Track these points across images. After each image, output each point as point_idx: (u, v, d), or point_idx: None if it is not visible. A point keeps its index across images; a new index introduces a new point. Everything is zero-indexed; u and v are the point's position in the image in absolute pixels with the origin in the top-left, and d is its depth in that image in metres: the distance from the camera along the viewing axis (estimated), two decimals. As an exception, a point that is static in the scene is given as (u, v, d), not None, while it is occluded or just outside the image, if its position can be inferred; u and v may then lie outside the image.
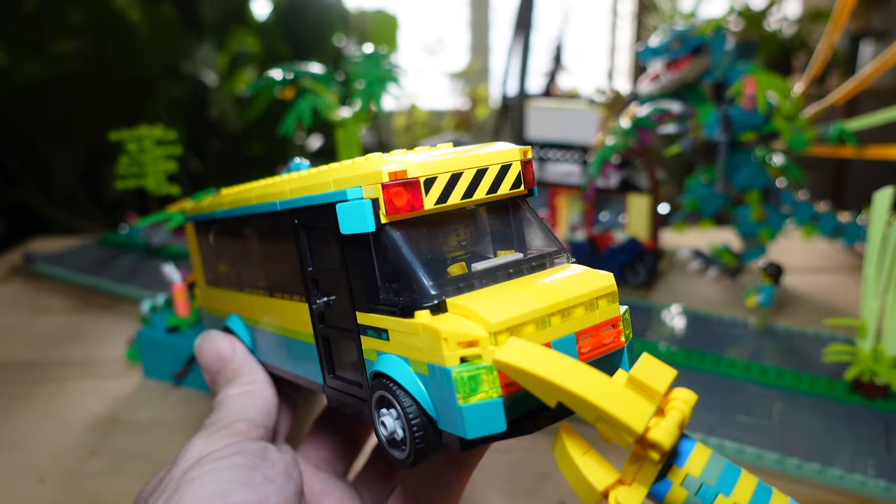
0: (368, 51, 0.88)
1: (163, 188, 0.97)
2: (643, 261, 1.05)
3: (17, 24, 1.93)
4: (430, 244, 0.34)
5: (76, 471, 0.64)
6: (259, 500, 0.34)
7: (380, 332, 0.34)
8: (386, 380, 0.33)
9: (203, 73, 2.20)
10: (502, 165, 0.35)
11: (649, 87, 1.04)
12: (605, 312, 0.34)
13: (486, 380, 0.29)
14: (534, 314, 0.31)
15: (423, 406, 0.31)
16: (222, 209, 0.50)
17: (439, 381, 0.30)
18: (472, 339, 0.29)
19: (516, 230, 0.38)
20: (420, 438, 0.31)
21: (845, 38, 2.95)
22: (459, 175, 0.34)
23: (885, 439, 0.62)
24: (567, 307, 0.32)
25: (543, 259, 0.36)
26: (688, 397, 0.27)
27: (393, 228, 0.33)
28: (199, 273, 0.59)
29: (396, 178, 0.32)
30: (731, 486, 0.26)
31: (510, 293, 0.32)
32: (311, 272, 0.39)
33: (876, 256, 0.67)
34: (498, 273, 0.34)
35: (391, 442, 0.33)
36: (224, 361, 0.47)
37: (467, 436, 0.29)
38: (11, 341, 0.95)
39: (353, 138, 0.90)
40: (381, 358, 0.34)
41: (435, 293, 0.31)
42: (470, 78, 3.60)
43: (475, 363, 0.29)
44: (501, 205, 0.38)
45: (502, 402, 0.29)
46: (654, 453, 0.25)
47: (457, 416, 0.29)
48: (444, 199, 0.33)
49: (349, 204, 0.33)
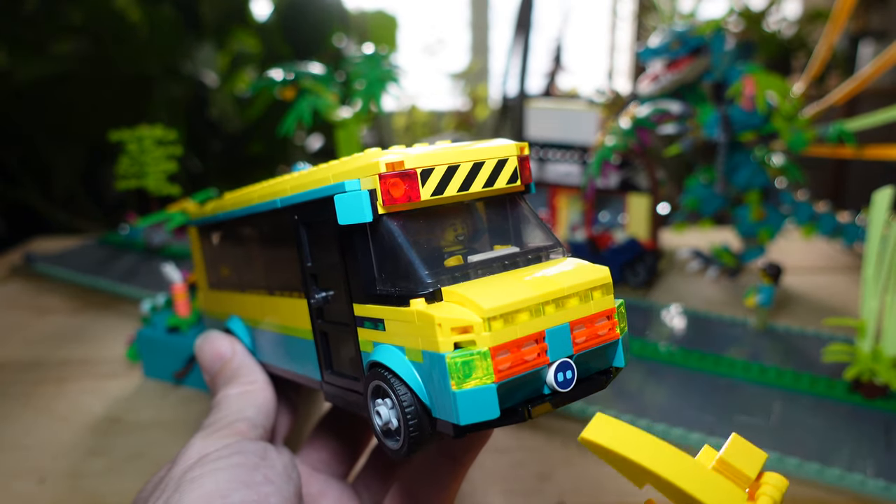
0: (368, 51, 0.88)
1: (163, 188, 0.97)
2: (643, 261, 1.05)
3: (18, 24, 1.93)
4: (428, 237, 0.35)
5: (76, 470, 0.64)
6: (258, 499, 0.34)
7: (376, 323, 0.34)
8: (381, 369, 0.33)
9: (203, 73, 2.20)
10: (499, 160, 0.36)
11: (649, 87, 1.04)
12: (600, 304, 0.34)
13: (479, 366, 0.29)
14: (528, 302, 0.31)
15: (418, 394, 0.32)
16: (224, 211, 0.50)
17: (433, 367, 0.30)
18: (465, 324, 0.30)
19: (513, 226, 0.38)
20: (414, 426, 0.31)
21: (845, 38, 2.95)
22: (456, 167, 0.34)
23: (884, 439, 0.62)
24: (561, 296, 0.32)
25: (539, 252, 0.37)
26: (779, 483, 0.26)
27: (390, 219, 0.33)
28: (202, 277, 0.59)
29: (394, 168, 0.32)
30: None
31: (505, 282, 0.33)
32: (311, 268, 0.39)
33: (875, 256, 0.67)
34: (494, 264, 0.35)
35: (386, 432, 0.34)
36: (224, 362, 0.47)
37: (460, 422, 0.29)
38: (11, 341, 0.95)
39: (354, 138, 0.90)
40: (378, 348, 0.34)
41: (430, 281, 0.32)
42: (470, 78, 3.59)
43: (469, 349, 0.30)
44: (499, 201, 0.38)
45: (496, 388, 0.29)
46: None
47: (450, 402, 0.29)
48: (441, 191, 0.34)
49: (347, 195, 0.33)
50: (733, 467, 0.26)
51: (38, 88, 1.90)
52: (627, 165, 1.12)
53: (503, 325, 0.30)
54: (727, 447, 0.27)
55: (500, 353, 0.30)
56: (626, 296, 1.03)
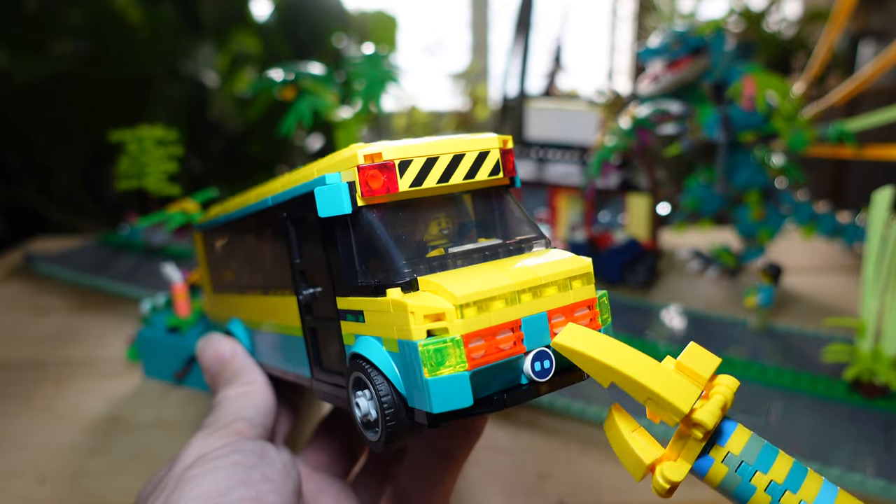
0: (368, 51, 0.88)
1: (163, 188, 0.97)
2: (643, 261, 1.05)
3: (18, 24, 1.93)
4: (409, 229, 0.35)
5: (77, 470, 0.64)
6: (257, 497, 0.34)
7: (357, 315, 0.34)
8: (361, 360, 0.33)
9: (203, 74, 2.20)
10: (480, 152, 0.36)
11: (649, 87, 1.04)
12: (580, 294, 0.34)
13: (452, 353, 0.29)
14: (502, 290, 0.31)
15: (395, 384, 0.32)
16: (224, 214, 0.51)
17: (407, 356, 0.30)
18: (438, 312, 0.30)
19: (499, 220, 0.38)
20: (391, 416, 0.31)
21: (845, 38, 2.95)
22: (435, 159, 0.34)
23: (884, 439, 0.62)
24: (537, 285, 0.32)
25: (521, 244, 0.37)
26: (730, 383, 0.29)
27: (369, 211, 0.33)
28: (207, 281, 0.60)
29: (372, 160, 0.33)
30: (769, 464, 0.27)
31: (482, 272, 0.33)
32: (299, 264, 0.39)
33: (875, 256, 0.67)
34: (474, 255, 0.35)
35: (365, 424, 0.34)
36: (224, 363, 0.47)
37: (433, 409, 0.29)
38: (11, 341, 0.95)
39: (354, 139, 0.90)
40: (358, 340, 0.34)
41: (406, 271, 0.32)
42: (470, 78, 3.59)
43: (441, 336, 0.30)
44: (484, 194, 0.38)
45: (468, 375, 0.29)
46: (698, 432, 0.27)
47: (423, 390, 0.30)
48: (420, 182, 0.34)
49: (326, 187, 0.33)
50: (690, 369, 0.29)
51: (38, 89, 1.90)
52: (627, 165, 1.12)
53: (476, 313, 0.30)
54: (685, 353, 0.29)
55: (474, 340, 0.30)
56: (626, 296, 1.03)
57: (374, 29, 2.69)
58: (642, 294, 1.05)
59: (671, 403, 0.27)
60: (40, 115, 1.97)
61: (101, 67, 1.98)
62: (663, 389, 0.27)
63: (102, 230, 1.65)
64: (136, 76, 2.02)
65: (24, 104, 1.94)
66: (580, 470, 0.62)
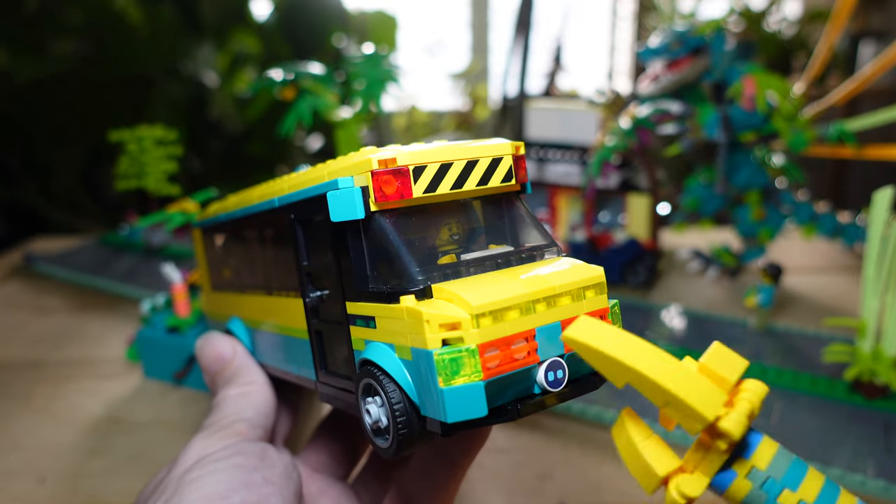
0: (368, 51, 0.88)
1: (163, 188, 0.97)
2: (643, 261, 1.05)
3: (18, 24, 1.93)
4: (422, 235, 0.35)
5: (76, 471, 0.64)
6: (258, 500, 0.34)
7: (367, 321, 0.34)
8: (372, 367, 0.33)
9: (203, 74, 2.20)
10: (493, 158, 0.36)
11: (649, 87, 1.04)
12: (593, 303, 0.34)
13: (467, 363, 0.29)
14: (518, 299, 0.31)
15: (407, 392, 0.31)
16: (226, 213, 0.50)
17: (422, 364, 0.30)
18: (454, 321, 0.30)
19: (510, 226, 0.38)
20: (402, 424, 0.31)
21: (845, 38, 2.95)
22: (449, 165, 0.34)
23: (884, 439, 0.62)
24: (552, 295, 0.32)
25: (533, 251, 0.37)
26: (758, 388, 0.26)
27: (382, 216, 0.33)
28: (205, 279, 0.60)
29: (386, 165, 0.32)
30: (797, 481, 0.25)
31: (496, 280, 0.33)
32: (306, 266, 0.39)
33: (876, 256, 0.67)
34: (486, 262, 0.35)
35: (376, 431, 0.34)
36: (224, 363, 0.47)
37: (448, 419, 0.29)
38: (11, 341, 0.95)
39: (354, 139, 0.90)
40: (369, 346, 0.34)
41: (420, 278, 0.32)
42: (470, 78, 3.59)
43: (457, 346, 0.29)
44: (495, 200, 0.38)
45: (484, 385, 0.29)
46: (723, 443, 0.24)
47: (438, 399, 0.29)
48: (434, 188, 0.33)
49: (340, 192, 0.33)
50: (714, 372, 0.26)
51: (38, 88, 1.90)
52: (627, 165, 1.12)
53: (492, 323, 0.30)
54: (709, 353, 0.26)
55: (489, 350, 0.30)
56: (626, 296, 1.03)
57: (374, 29, 2.68)
58: (642, 294, 1.05)
59: (695, 410, 0.24)
60: (40, 115, 1.97)
61: (101, 67, 1.97)
62: (686, 394, 0.24)
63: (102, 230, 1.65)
64: (136, 76, 2.01)
65: (24, 104, 1.94)
66: (581, 470, 0.62)
